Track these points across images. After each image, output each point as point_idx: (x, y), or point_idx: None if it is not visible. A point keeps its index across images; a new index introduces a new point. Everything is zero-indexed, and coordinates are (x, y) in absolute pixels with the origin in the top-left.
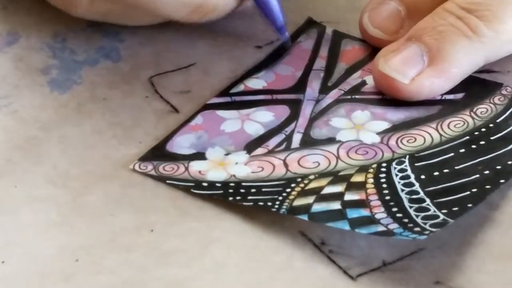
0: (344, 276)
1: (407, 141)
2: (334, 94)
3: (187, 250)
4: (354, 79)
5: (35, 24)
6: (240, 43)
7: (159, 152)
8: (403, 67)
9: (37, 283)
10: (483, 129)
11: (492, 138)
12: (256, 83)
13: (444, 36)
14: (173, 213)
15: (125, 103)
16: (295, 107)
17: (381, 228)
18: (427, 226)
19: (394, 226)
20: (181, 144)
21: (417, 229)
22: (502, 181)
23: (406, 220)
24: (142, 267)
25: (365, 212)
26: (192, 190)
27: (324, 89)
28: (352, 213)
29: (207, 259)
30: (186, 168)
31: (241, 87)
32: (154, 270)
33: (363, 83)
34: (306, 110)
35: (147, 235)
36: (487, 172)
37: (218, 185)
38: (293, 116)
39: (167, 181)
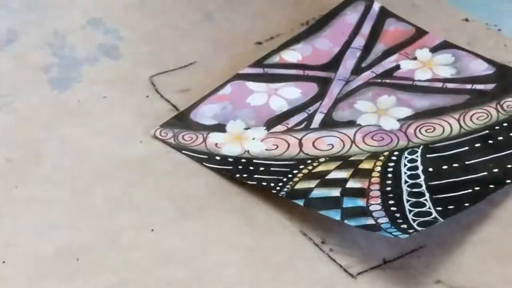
0: (345, 274)
1: (426, 131)
2: (365, 76)
3: (187, 250)
4: (389, 62)
5: (35, 22)
6: (240, 40)
7: (182, 120)
8: None
9: (37, 283)
10: (505, 124)
11: (511, 134)
12: (291, 55)
13: None
14: (173, 213)
15: (125, 101)
16: (323, 85)
17: (370, 222)
18: (414, 224)
19: (383, 220)
20: (205, 113)
21: (404, 226)
22: (508, 181)
23: (397, 215)
24: (142, 267)
25: (361, 203)
26: (204, 163)
27: (357, 70)
28: (348, 202)
29: (207, 259)
30: (204, 140)
31: (276, 59)
32: (154, 270)
33: (397, 67)
34: (334, 91)
35: (147, 235)
36: (496, 170)
37: (230, 160)
38: (320, 95)
39: (183, 151)
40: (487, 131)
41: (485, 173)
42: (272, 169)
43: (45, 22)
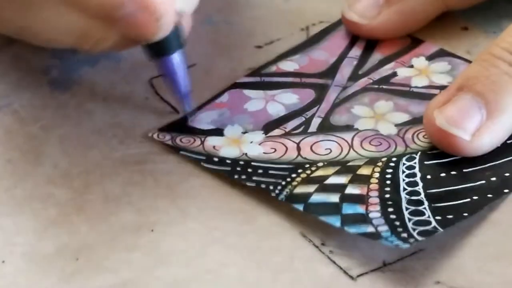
0: (345, 276)
1: (423, 136)
2: (362, 82)
3: (187, 250)
4: (385, 70)
5: None
6: (240, 43)
7: (179, 125)
8: (463, 122)
9: (37, 283)
10: None
11: (508, 142)
12: (288, 65)
13: (500, 87)
14: (173, 213)
15: (125, 103)
16: (320, 91)
17: (370, 229)
18: (415, 233)
19: (383, 228)
20: (203, 119)
21: (404, 235)
22: (506, 191)
23: (397, 223)
24: (142, 267)
25: (360, 209)
26: (202, 163)
27: (354, 77)
28: (348, 209)
29: (207, 260)
30: (202, 142)
31: (273, 69)
32: (154, 270)
33: (394, 74)
34: (331, 96)
35: (147, 235)
36: (494, 179)
37: (228, 161)
38: (317, 101)
39: (181, 152)
40: None
41: (483, 181)
42: (270, 172)
43: None
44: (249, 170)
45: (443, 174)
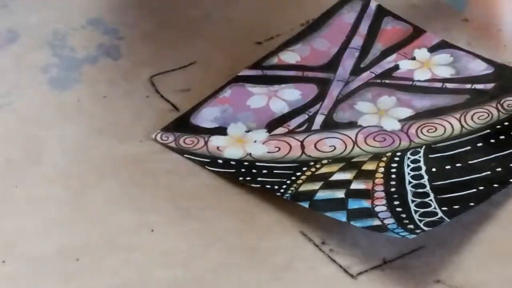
0: (345, 274)
1: (427, 131)
2: (364, 76)
3: (187, 250)
4: (388, 62)
5: (35, 22)
6: (240, 40)
7: (182, 123)
8: None
9: (37, 283)
10: (506, 123)
11: None
12: (290, 56)
13: None
14: (173, 213)
15: (126, 101)
16: (323, 87)
17: (376, 223)
18: (421, 224)
19: (389, 221)
20: (206, 116)
21: (411, 226)
22: (511, 180)
23: (403, 216)
24: (142, 267)
25: (366, 204)
26: (206, 166)
27: (356, 70)
28: (353, 204)
29: (207, 260)
30: (206, 143)
31: (274, 60)
32: (154, 270)
33: (396, 67)
34: (334, 92)
35: (147, 235)
36: (499, 169)
37: (233, 163)
38: (320, 97)
39: (185, 155)
40: (488, 130)
41: (489, 172)
42: (275, 171)
43: (45, 22)
44: (254, 171)
45: (448, 167)
